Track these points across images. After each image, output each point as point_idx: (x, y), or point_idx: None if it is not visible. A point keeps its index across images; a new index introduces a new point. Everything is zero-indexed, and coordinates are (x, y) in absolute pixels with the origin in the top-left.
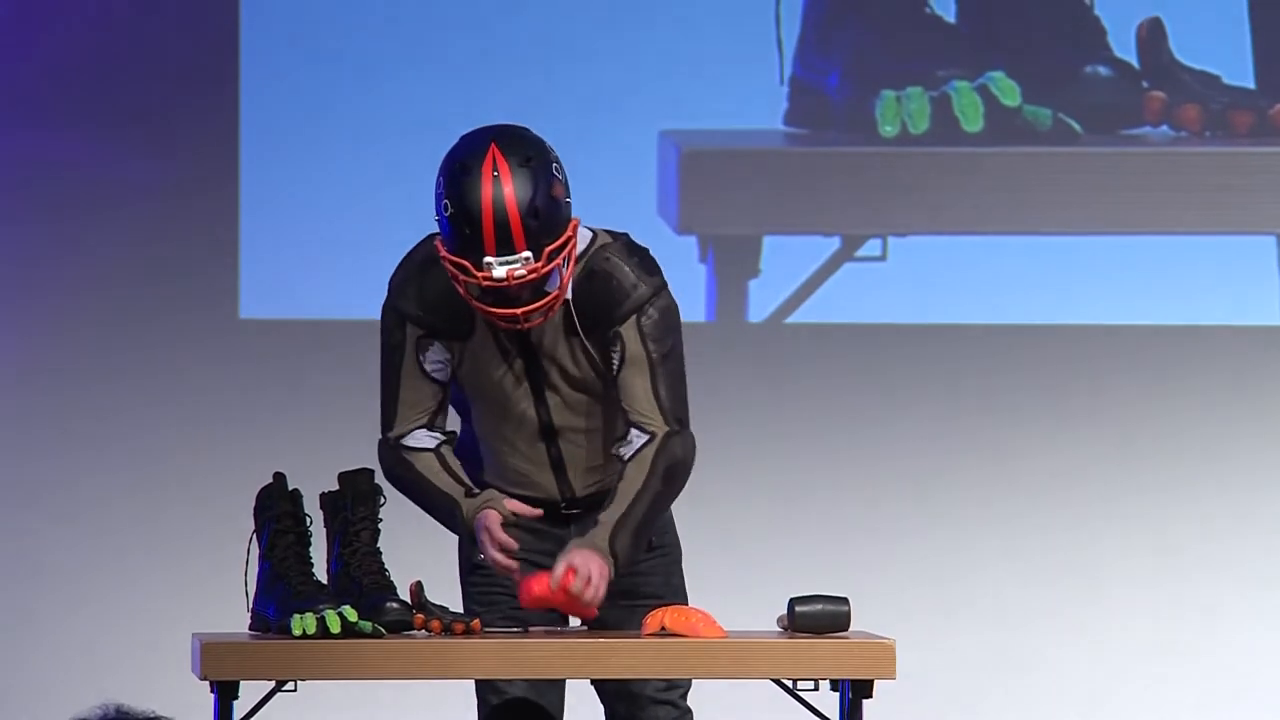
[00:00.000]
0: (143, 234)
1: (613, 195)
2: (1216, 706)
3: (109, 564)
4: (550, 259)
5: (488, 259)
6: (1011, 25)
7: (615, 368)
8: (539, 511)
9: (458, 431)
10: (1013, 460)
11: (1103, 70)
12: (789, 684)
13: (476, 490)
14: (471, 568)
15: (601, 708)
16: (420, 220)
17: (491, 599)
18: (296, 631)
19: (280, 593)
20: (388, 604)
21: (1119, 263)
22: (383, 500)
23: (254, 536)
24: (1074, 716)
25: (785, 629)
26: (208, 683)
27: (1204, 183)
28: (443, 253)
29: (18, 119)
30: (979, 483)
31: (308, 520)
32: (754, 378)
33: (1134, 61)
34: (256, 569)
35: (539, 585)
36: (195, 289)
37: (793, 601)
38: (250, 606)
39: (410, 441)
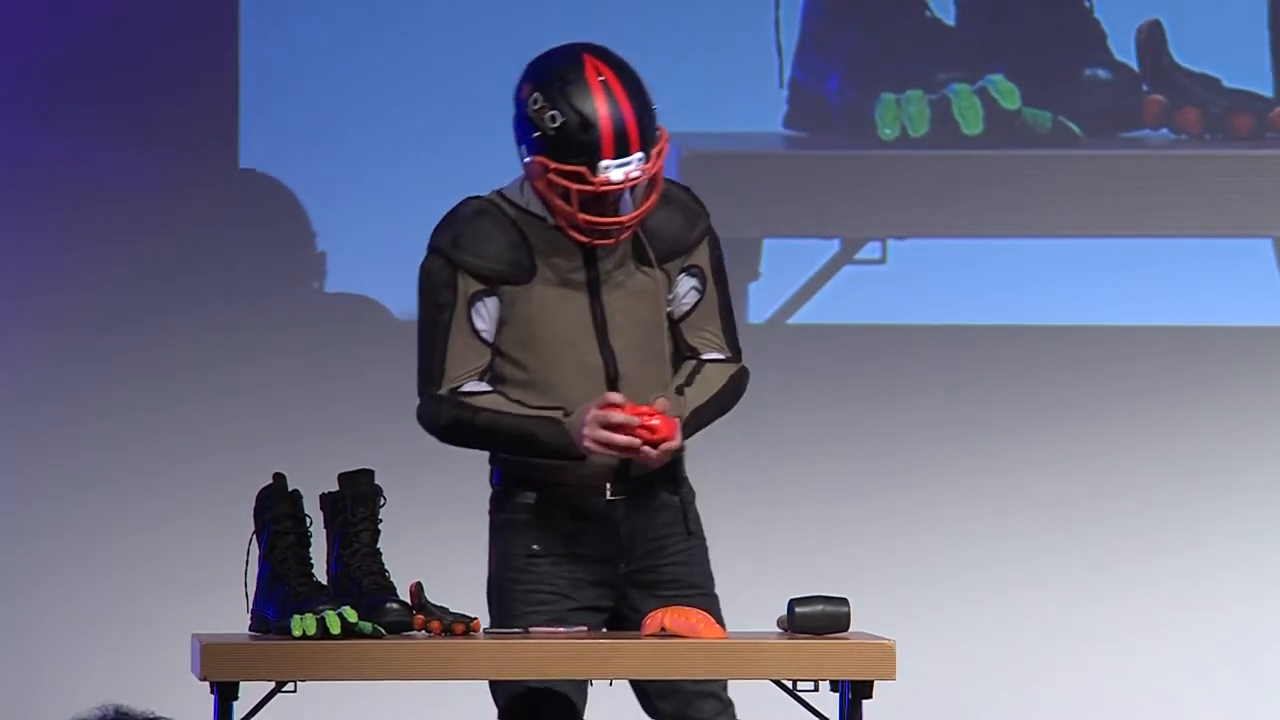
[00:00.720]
0: (142, 234)
1: None
2: (1217, 707)
3: (109, 564)
4: (657, 159)
5: (604, 163)
6: (1011, 28)
7: (687, 304)
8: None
9: None
10: (1012, 461)
11: (1102, 73)
12: (789, 684)
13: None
14: (519, 563)
15: (600, 707)
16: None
17: (540, 599)
18: (296, 632)
19: (280, 593)
20: (388, 605)
21: (1119, 265)
22: (383, 501)
23: (254, 537)
24: (1074, 717)
25: (785, 629)
26: (208, 683)
27: (1204, 185)
28: (551, 165)
29: (17, 118)
30: (979, 483)
31: (308, 521)
32: (754, 379)
33: (1134, 64)
34: (256, 570)
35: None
36: (195, 290)
37: (792, 602)
38: (250, 607)
39: (469, 388)
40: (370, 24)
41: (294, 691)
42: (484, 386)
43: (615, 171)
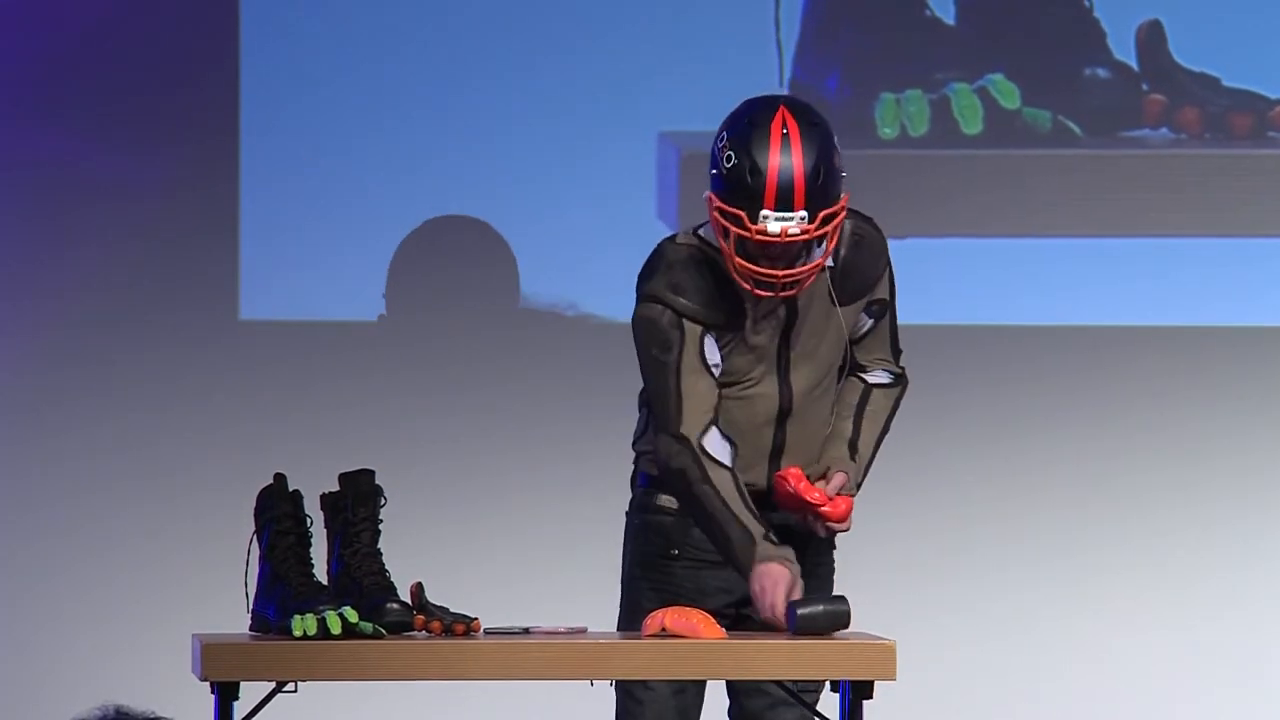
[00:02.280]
0: (142, 234)
1: (612, 197)
2: (1218, 708)
3: (109, 564)
4: (824, 223)
5: (764, 212)
6: (1011, 28)
7: (860, 334)
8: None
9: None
10: (1012, 461)
11: (1102, 73)
12: (789, 684)
13: (771, 536)
14: (656, 564)
15: (600, 706)
16: (419, 220)
17: (669, 600)
18: (297, 632)
19: (281, 593)
20: (388, 605)
21: (1119, 265)
22: (383, 501)
23: (254, 537)
24: (1074, 717)
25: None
26: (208, 683)
27: (1203, 185)
28: (716, 203)
29: (16, 117)
30: (978, 484)
31: (308, 521)
32: None
33: (1133, 64)
34: (257, 570)
35: (795, 480)
36: (195, 290)
37: (792, 605)
38: (250, 607)
39: (710, 446)
40: (370, 24)
41: (294, 691)
42: (724, 454)
43: (774, 224)
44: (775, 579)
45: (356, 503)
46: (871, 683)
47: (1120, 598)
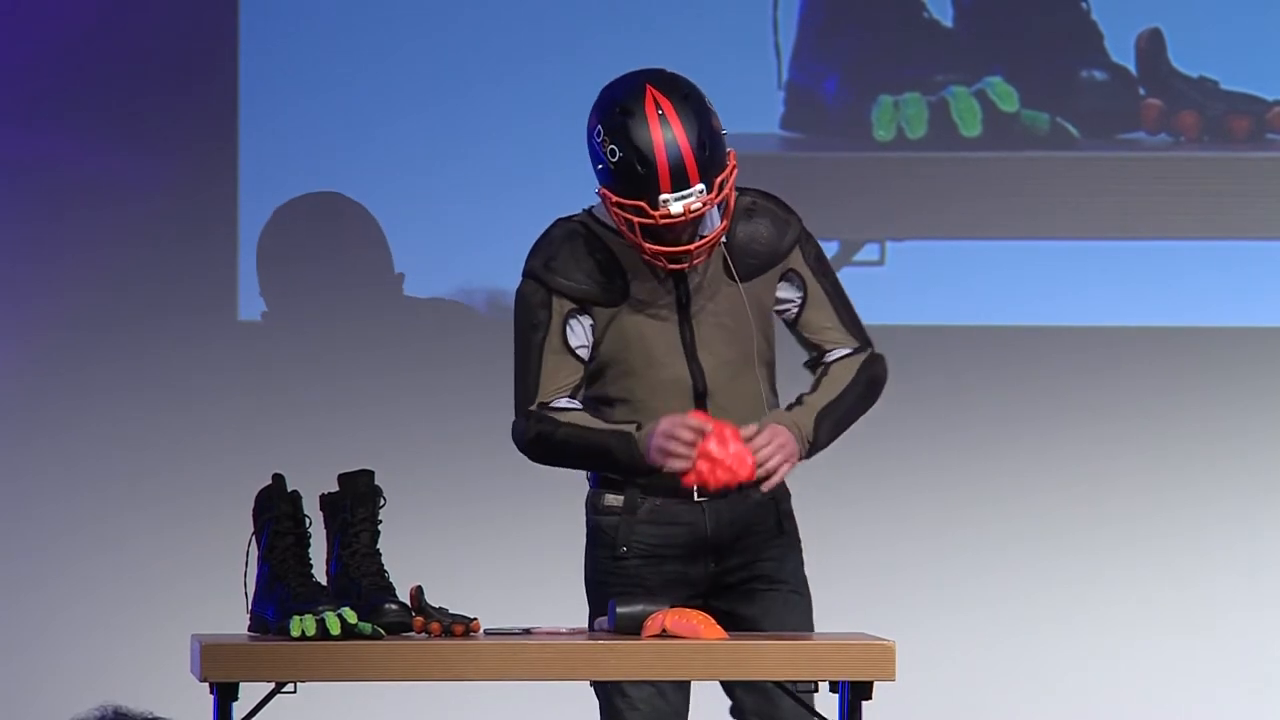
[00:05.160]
0: (142, 234)
1: None
2: (1219, 709)
3: (109, 564)
4: (720, 188)
5: (663, 196)
6: (1009, 30)
7: (794, 310)
8: (704, 423)
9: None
10: (1011, 462)
11: (1100, 75)
12: (789, 685)
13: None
14: (608, 564)
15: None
16: (420, 220)
17: (630, 598)
18: (296, 633)
19: (280, 594)
20: (387, 605)
21: (1117, 266)
22: (382, 502)
23: (253, 538)
24: (1074, 717)
25: (601, 629)
26: (207, 684)
27: (1201, 188)
28: (612, 199)
29: (15, 117)
30: (976, 484)
31: (307, 522)
32: None
33: (1131, 67)
34: (256, 570)
35: (719, 442)
36: (194, 291)
37: (613, 602)
38: (250, 608)
39: (558, 404)
40: (370, 25)
41: (294, 692)
42: (574, 404)
43: (675, 205)
44: (667, 432)
45: (355, 503)
46: (871, 683)
47: (1121, 598)
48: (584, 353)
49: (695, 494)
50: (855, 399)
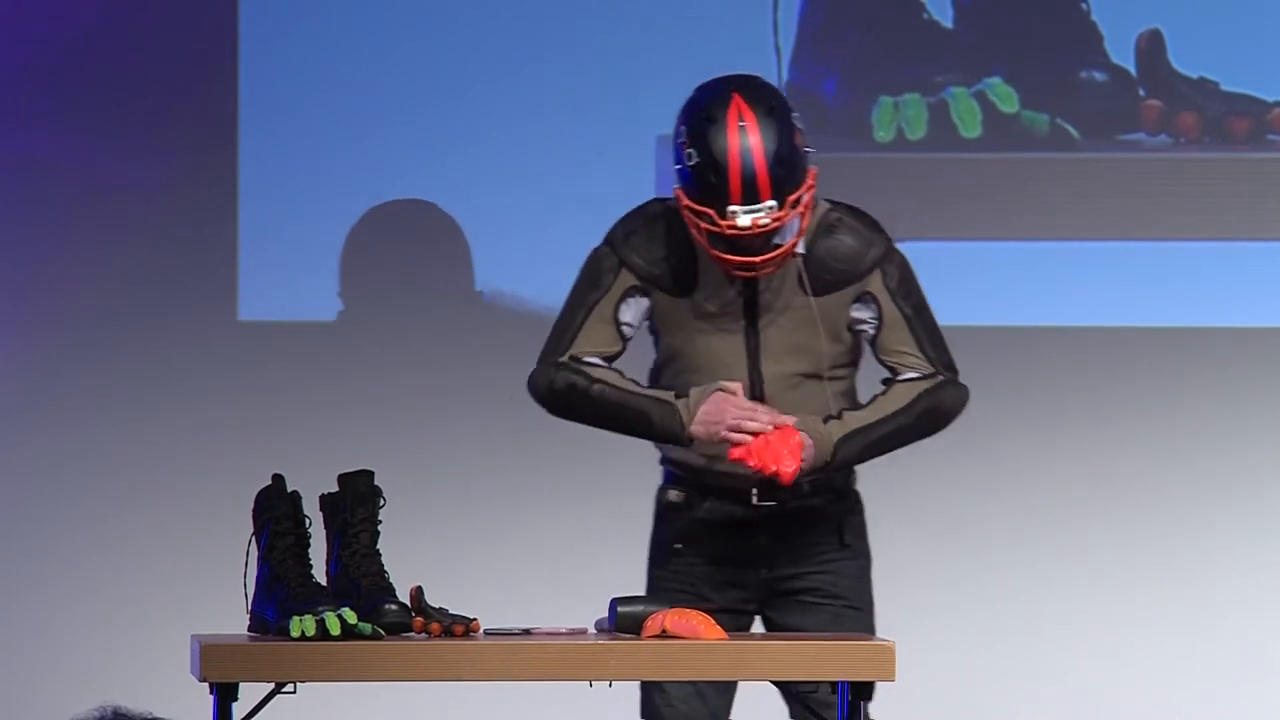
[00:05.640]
0: (141, 235)
1: (610, 199)
2: (1222, 708)
3: (108, 565)
4: (793, 206)
5: (733, 207)
6: (1009, 31)
7: (870, 332)
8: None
9: None
10: (1010, 462)
11: (1100, 76)
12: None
13: (685, 394)
14: (665, 558)
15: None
16: (420, 221)
17: (678, 594)
18: (295, 633)
19: (279, 594)
20: (387, 606)
21: (1117, 267)
22: (382, 502)
23: (253, 538)
24: (1074, 718)
25: (603, 630)
26: (207, 684)
27: (1201, 188)
28: (684, 201)
29: (16, 117)
30: (976, 484)
31: (307, 522)
32: None
33: (1131, 68)
34: (255, 571)
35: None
36: (194, 291)
37: (614, 601)
38: (249, 608)
39: (591, 361)
40: (370, 25)
41: (293, 692)
42: (606, 366)
43: (743, 217)
44: (715, 413)
45: (355, 503)
46: (871, 683)
47: (1121, 598)
48: (628, 331)
49: (754, 498)
50: (902, 422)
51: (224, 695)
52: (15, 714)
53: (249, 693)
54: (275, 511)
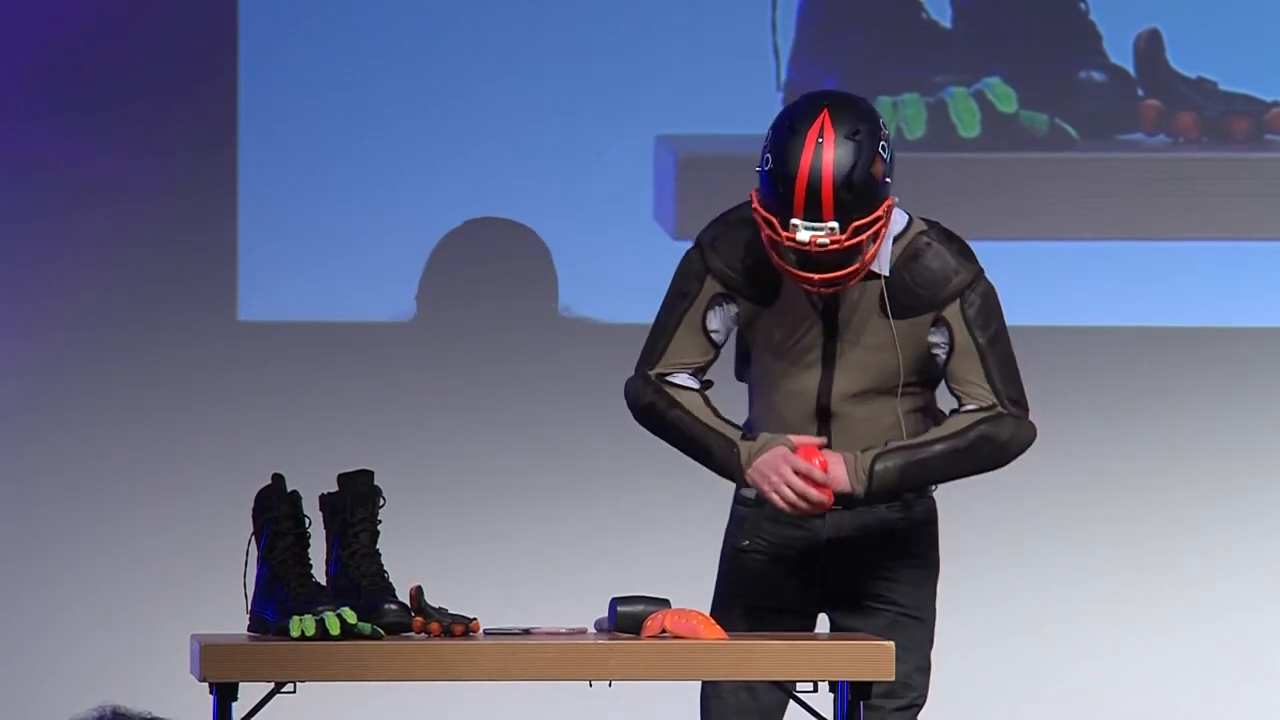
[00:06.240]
0: (142, 234)
1: (609, 200)
2: (1223, 709)
3: (108, 565)
4: (855, 234)
5: (795, 220)
6: (1007, 31)
7: (942, 357)
8: (821, 440)
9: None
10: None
11: (1098, 76)
12: (788, 685)
13: (752, 435)
14: (732, 555)
15: (600, 706)
16: (420, 222)
17: (742, 591)
18: (295, 633)
19: (279, 594)
20: (387, 605)
21: (1117, 267)
22: (382, 502)
23: (253, 538)
24: (1075, 718)
25: (603, 630)
26: (207, 684)
27: (1201, 188)
28: (755, 203)
29: (16, 117)
30: (975, 484)
31: (307, 522)
32: None
33: (1129, 67)
34: (255, 570)
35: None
36: (194, 291)
37: (614, 601)
38: (249, 608)
39: (675, 379)
40: (369, 25)
41: (293, 692)
42: (693, 383)
43: (803, 232)
44: (771, 465)
45: (355, 503)
46: (870, 683)
47: (1121, 598)
48: (718, 338)
49: None
50: (950, 451)
51: (224, 695)
52: (15, 714)
53: (249, 693)
54: (275, 511)
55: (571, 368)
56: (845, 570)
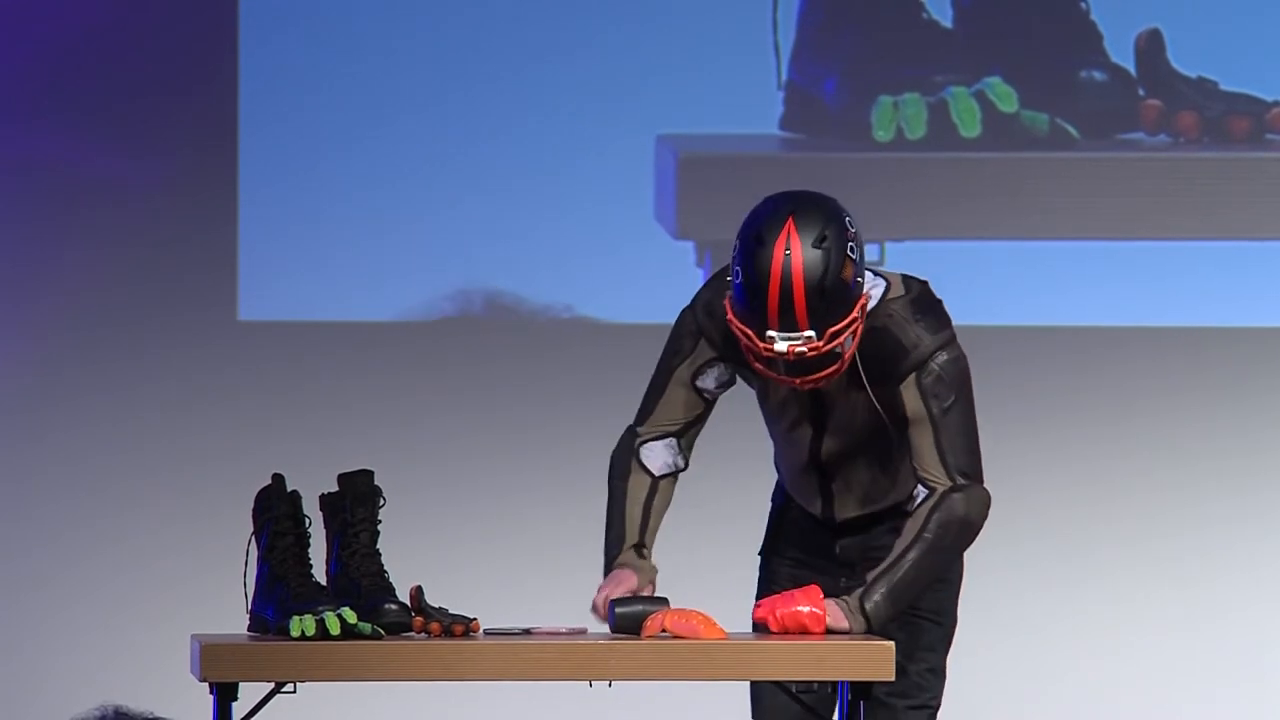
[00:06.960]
0: (142, 234)
1: (610, 200)
2: (1224, 708)
3: (109, 565)
4: (832, 339)
5: (770, 332)
6: (1008, 31)
7: (903, 426)
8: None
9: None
10: (1010, 461)
11: (1099, 75)
12: (789, 685)
13: (643, 551)
14: (764, 557)
15: (600, 706)
16: (419, 222)
17: (772, 591)
18: (295, 633)
19: (279, 594)
20: (387, 605)
21: (1118, 266)
22: (382, 502)
23: (253, 538)
24: (1075, 718)
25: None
26: (207, 684)
27: (1201, 188)
28: (729, 314)
29: (15, 117)
30: None
31: (307, 522)
32: None
33: (1130, 67)
34: (255, 570)
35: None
36: (194, 291)
37: (614, 602)
38: (249, 608)
39: (645, 452)
40: (369, 24)
41: (293, 692)
42: (658, 460)
43: (780, 343)
44: (613, 580)
45: (355, 503)
46: (871, 683)
47: (1121, 598)
48: (711, 394)
49: (820, 513)
50: (922, 555)
51: (224, 695)
52: (15, 714)
53: (249, 693)
54: (275, 511)
55: (572, 367)
56: (865, 573)
